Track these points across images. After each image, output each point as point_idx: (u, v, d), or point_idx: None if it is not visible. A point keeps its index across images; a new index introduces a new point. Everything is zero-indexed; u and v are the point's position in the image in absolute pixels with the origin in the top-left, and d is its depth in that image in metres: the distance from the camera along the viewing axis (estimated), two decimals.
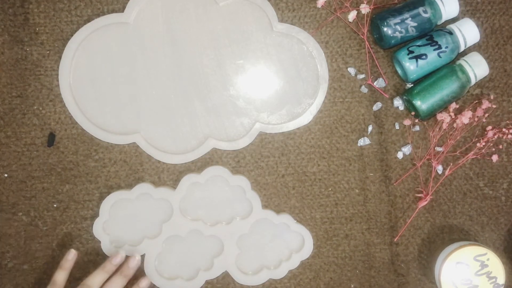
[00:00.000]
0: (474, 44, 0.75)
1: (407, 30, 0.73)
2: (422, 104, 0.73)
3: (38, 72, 0.76)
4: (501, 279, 0.72)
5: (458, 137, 0.76)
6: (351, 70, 0.77)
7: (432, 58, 0.73)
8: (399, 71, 0.76)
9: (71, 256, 0.71)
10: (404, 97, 0.75)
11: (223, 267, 0.76)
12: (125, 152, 0.77)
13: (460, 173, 0.77)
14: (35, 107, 0.76)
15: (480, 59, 0.74)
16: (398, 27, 0.73)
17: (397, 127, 0.77)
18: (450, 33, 0.73)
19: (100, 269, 0.71)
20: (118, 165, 0.77)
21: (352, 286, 0.78)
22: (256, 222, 0.76)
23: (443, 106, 0.74)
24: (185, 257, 0.76)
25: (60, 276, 0.70)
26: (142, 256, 0.76)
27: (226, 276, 0.77)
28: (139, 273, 0.75)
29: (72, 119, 0.76)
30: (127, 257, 0.73)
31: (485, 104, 0.75)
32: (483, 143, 0.76)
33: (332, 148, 0.77)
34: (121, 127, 0.76)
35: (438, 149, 0.76)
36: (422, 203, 0.76)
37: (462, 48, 0.74)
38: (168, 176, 0.77)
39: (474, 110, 0.75)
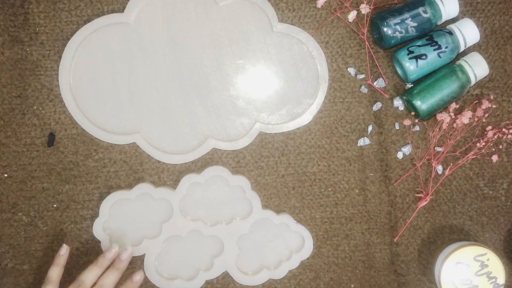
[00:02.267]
0: (474, 44, 0.75)
1: (407, 30, 0.73)
2: (422, 104, 0.73)
3: (38, 72, 0.76)
4: (501, 279, 0.72)
5: (458, 137, 0.76)
6: (351, 70, 0.77)
7: (432, 58, 0.73)
8: (399, 71, 0.76)
9: (64, 251, 0.72)
10: (404, 97, 0.75)
11: (223, 267, 0.76)
12: (125, 152, 0.77)
13: (460, 173, 0.77)
14: (35, 107, 0.76)
15: (480, 59, 0.74)
16: (398, 27, 0.73)
17: (397, 127, 0.77)
18: (450, 33, 0.73)
19: (93, 264, 0.71)
20: (118, 165, 0.77)
21: (352, 286, 0.78)
22: (256, 222, 0.76)
23: (443, 106, 0.74)
24: (185, 257, 0.76)
25: (55, 272, 0.71)
26: (142, 256, 0.76)
27: (226, 276, 0.77)
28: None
29: (72, 119, 0.76)
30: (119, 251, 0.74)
31: (485, 104, 0.75)
32: (483, 143, 0.76)
33: (332, 148, 0.77)
34: (121, 127, 0.76)
35: (438, 149, 0.76)
36: (422, 203, 0.76)
37: (462, 48, 0.74)
38: (168, 176, 0.77)
39: (474, 110, 0.75)
